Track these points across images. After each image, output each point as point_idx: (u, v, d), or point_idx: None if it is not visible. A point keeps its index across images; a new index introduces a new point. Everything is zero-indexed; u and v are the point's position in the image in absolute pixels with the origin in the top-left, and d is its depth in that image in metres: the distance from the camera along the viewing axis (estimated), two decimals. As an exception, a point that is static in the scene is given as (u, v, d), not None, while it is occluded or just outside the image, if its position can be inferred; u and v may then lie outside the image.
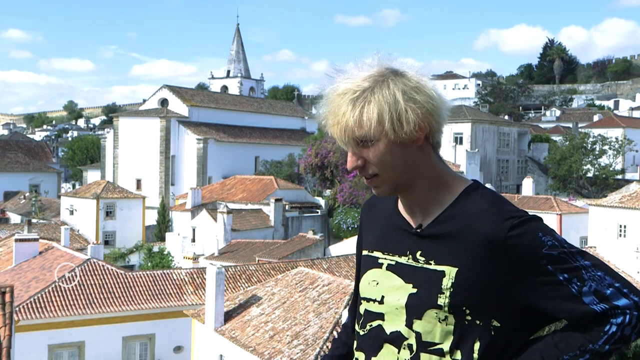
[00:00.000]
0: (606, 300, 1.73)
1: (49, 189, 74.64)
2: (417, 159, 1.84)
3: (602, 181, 63.93)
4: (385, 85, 1.77)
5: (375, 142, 1.78)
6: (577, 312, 1.74)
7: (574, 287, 1.74)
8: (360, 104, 1.77)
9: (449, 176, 1.91)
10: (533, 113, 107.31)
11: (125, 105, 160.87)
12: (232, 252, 40.49)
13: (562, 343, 1.77)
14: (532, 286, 1.76)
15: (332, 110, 1.82)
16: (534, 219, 1.80)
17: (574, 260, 1.77)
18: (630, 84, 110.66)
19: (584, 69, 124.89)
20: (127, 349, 26.71)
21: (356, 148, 1.81)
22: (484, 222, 1.79)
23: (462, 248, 1.80)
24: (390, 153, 1.79)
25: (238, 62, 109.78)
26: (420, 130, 1.79)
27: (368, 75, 1.80)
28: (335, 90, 1.83)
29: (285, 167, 66.85)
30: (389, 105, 1.75)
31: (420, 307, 1.81)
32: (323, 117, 1.87)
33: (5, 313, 12.86)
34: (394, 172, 1.81)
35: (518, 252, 1.75)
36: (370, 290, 1.93)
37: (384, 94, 1.76)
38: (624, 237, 34.07)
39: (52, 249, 30.76)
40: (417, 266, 1.86)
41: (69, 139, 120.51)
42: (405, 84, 1.77)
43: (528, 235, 1.76)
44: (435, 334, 1.80)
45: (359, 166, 1.82)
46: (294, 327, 20.56)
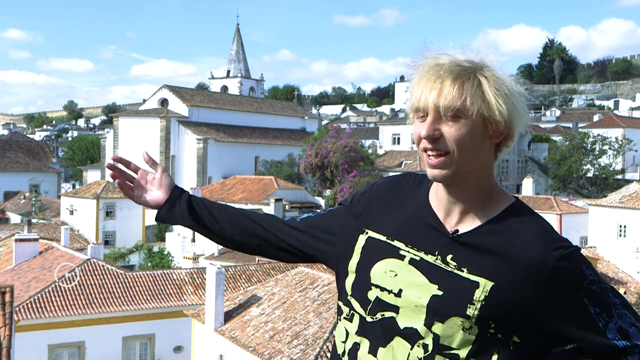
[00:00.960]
0: (628, 338, 1.77)
1: (49, 189, 74.66)
2: (487, 156, 1.80)
3: (602, 181, 63.93)
4: (489, 71, 1.75)
5: (461, 119, 1.73)
6: (599, 345, 1.76)
7: (602, 322, 1.76)
8: (464, 76, 1.73)
9: (496, 188, 1.87)
10: (533, 113, 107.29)
11: (125, 105, 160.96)
12: (232, 252, 40.48)
13: None
14: (564, 314, 1.77)
15: (430, 76, 1.74)
16: (579, 251, 1.80)
17: (607, 296, 1.79)
18: (630, 84, 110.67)
19: (584, 69, 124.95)
20: (127, 349, 26.72)
21: (438, 118, 1.74)
22: (533, 247, 1.77)
23: (503, 265, 1.77)
24: (472, 135, 1.73)
25: (238, 62, 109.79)
26: (506, 127, 1.77)
27: (471, 59, 1.76)
28: (436, 58, 1.77)
29: (285, 167, 66.86)
30: (491, 89, 1.73)
31: (445, 312, 1.78)
32: (415, 81, 1.78)
33: (5, 313, 12.85)
34: (466, 157, 1.75)
35: (561, 282, 1.75)
36: (386, 280, 1.86)
37: (488, 77, 1.74)
38: (624, 237, 34.08)
39: (52, 249, 30.76)
40: (446, 269, 1.81)
41: (69, 139, 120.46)
42: (505, 80, 1.76)
43: (573, 267, 1.76)
44: (455, 339, 1.77)
45: (435, 137, 1.74)
46: (294, 327, 20.56)
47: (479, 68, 1.74)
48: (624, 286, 30.97)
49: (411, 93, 1.80)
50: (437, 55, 1.77)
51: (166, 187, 2.14)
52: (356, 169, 55.28)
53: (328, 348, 18.92)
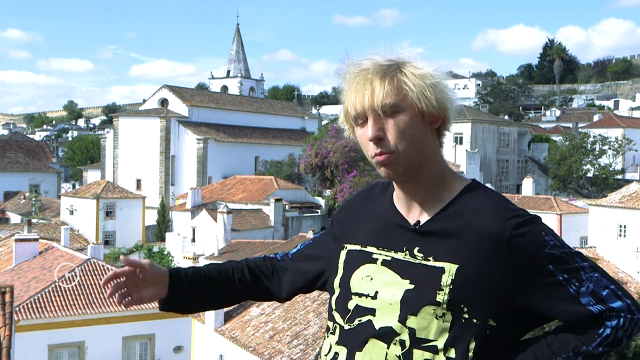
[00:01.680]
0: (602, 301, 1.74)
1: (49, 189, 74.65)
2: (431, 143, 1.85)
3: (602, 181, 63.93)
4: (411, 65, 1.82)
5: (400, 112, 1.79)
6: (575, 313, 1.75)
7: (572, 288, 1.75)
8: (390, 73, 1.80)
9: (449, 173, 1.92)
10: (533, 113, 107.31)
11: (125, 105, 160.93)
12: (232, 252, 40.48)
13: (556, 344, 1.77)
14: (532, 285, 1.76)
15: (358, 81, 1.82)
16: (537, 218, 1.81)
17: (573, 260, 1.77)
18: (630, 84, 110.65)
19: (584, 69, 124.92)
20: (127, 349, 26.72)
21: (378, 118, 1.80)
22: (488, 220, 1.79)
23: (464, 245, 1.79)
24: (412, 126, 1.79)
25: (238, 62, 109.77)
26: (441, 112, 1.83)
27: (390, 58, 1.83)
28: (360, 65, 1.84)
29: (285, 167, 66.86)
30: (418, 80, 1.79)
31: (417, 303, 1.79)
32: (345, 89, 1.86)
33: (5, 313, 12.86)
34: (411, 148, 1.80)
35: (521, 251, 1.76)
36: (363, 286, 1.90)
37: (411, 70, 1.81)
38: (624, 237, 34.08)
39: (52, 249, 30.76)
40: (415, 262, 1.84)
41: (69, 139, 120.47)
42: (428, 70, 1.82)
43: (532, 234, 1.77)
44: (430, 330, 1.78)
45: (380, 136, 1.79)
46: (294, 327, 20.56)
47: (401, 64, 1.81)
48: (624, 286, 30.97)
49: (345, 102, 1.86)
50: (359, 62, 1.84)
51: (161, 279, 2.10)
52: (356, 169, 55.27)
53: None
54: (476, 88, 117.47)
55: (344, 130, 1.94)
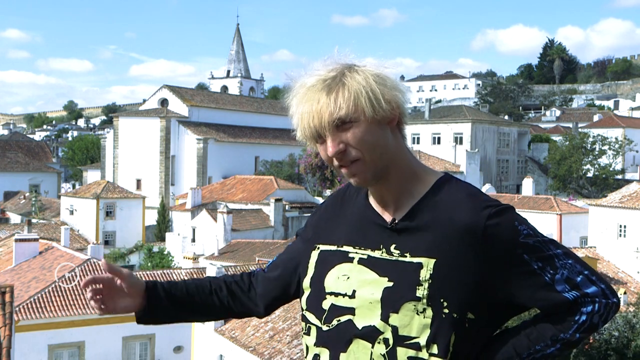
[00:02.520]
0: (577, 287, 1.76)
1: (49, 189, 74.66)
2: (393, 143, 1.84)
3: (602, 181, 63.93)
4: (355, 72, 1.80)
5: (354, 123, 1.78)
6: (551, 300, 1.76)
7: (547, 276, 1.76)
8: (334, 88, 1.79)
9: (420, 168, 1.92)
10: (533, 113, 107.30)
11: (125, 105, 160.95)
12: (232, 252, 40.49)
13: (534, 334, 1.79)
14: (508, 275, 1.77)
15: (305, 101, 1.82)
16: (510, 208, 1.82)
17: (547, 248, 1.78)
18: (630, 84, 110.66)
19: (584, 69, 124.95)
20: (127, 349, 26.72)
21: (335, 134, 1.79)
22: (462, 212, 1.80)
23: (439, 239, 1.80)
24: (370, 132, 1.78)
25: (238, 62, 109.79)
26: (395, 109, 1.82)
27: (333, 68, 1.82)
28: (304, 84, 1.83)
29: (285, 167, 66.86)
30: (363, 86, 1.77)
31: (397, 300, 1.79)
32: (294, 112, 1.87)
33: (5, 313, 12.86)
34: (375, 154, 1.80)
35: (495, 241, 1.77)
36: (339, 285, 1.89)
37: (355, 78, 1.79)
38: (624, 237, 34.08)
39: (52, 249, 30.76)
40: (392, 259, 1.84)
41: (69, 139, 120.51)
42: (371, 71, 1.81)
43: (505, 223, 1.78)
44: (412, 327, 1.78)
45: (341, 150, 1.79)
46: (294, 327, 20.56)
47: (342, 74, 1.80)
48: (624, 286, 30.95)
49: (297, 123, 1.87)
50: (303, 80, 1.84)
51: (137, 291, 2.09)
52: (356, 169, 55.26)
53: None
54: (476, 88, 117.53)
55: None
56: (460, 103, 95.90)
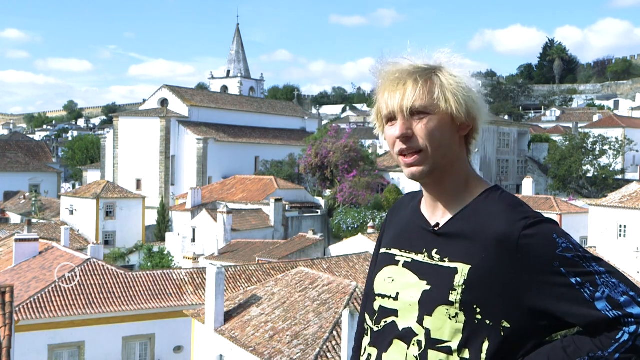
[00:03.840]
0: (619, 307, 1.70)
1: (49, 189, 74.65)
2: (458, 148, 1.89)
3: (602, 181, 63.92)
4: (446, 71, 1.86)
5: (430, 115, 1.83)
6: (588, 317, 1.71)
7: (587, 292, 1.72)
8: (424, 77, 1.84)
9: (473, 177, 1.95)
10: (533, 113, 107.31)
11: (125, 105, 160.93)
12: (232, 252, 40.49)
13: (571, 347, 1.74)
14: (543, 287, 1.75)
15: (393, 79, 1.86)
16: (549, 221, 1.81)
17: (588, 265, 1.75)
18: (630, 84, 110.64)
19: (584, 69, 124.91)
20: (127, 349, 26.71)
21: (408, 120, 1.84)
22: (499, 222, 1.81)
23: (476, 246, 1.82)
24: (441, 129, 1.83)
25: (238, 62, 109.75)
26: (470, 120, 1.87)
27: (425, 62, 1.88)
28: (396, 65, 1.88)
29: (286, 167, 66.85)
30: (451, 85, 1.83)
31: (431, 303, 1.83)
32: (379, 87, 1.90)
33: (5, 313, 12.85)
34: (439, 151, 1.84)
35: (531, 252, 1.76)
36: (385, 287, 1.96)
37: (446, 76, 1.85)
38: (624, 237, 34.08)
39: (52, 249, 30.76)
40: (432, 264, 1.88)
41: (69, 139, 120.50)
42: (462, 79, 1.86)
43: (542, 235, 1.77)
44: (445, 331, 1.81)
45: (408, 135, 1.83)
46: (294, 327, 20.56)
47: (436, 69, 1.86)
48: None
49: (378, 101, 1.91)
50: (395, 61, 1.88)
51: None
52: (356, 169, 55.30)
53: (328, 348, 18.92)
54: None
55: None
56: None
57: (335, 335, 19.31)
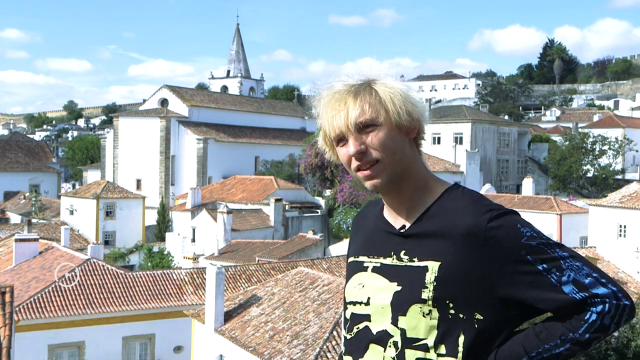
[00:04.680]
0: (585, 289, 1.78)
1: (49, 189, 74.64)
2: (410, 152, 1.94)
3: (602, 181, 63.91)
4: (381, 83, 1.91)
5: (377, 127, 1.87)
6: (557, 301, 1.79)
7: (553, 277, 1.79)
8: (362, 92, 1.89)
9: (431, 178, 2.00)
10: (533, 113, 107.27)
11: (125, 105, 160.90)
12: (232, 252, 40.49)
13: (543, 333, 1.81)
14: (513, 277, 1.81)
15: (333, 102, 1.91)
16: (512, 212, 1.87)
17: (552, 251, 1.82)
18: (630, 84, 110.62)
19: (584, 69, 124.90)
20: (127, 349, 26.71)
21: (358, 135, 1.88)
22: (465, 217, 1.86)
23: (444, 243, 1.86)
24: (391, 137, 1.88)
25: (238, 62, 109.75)
26: (416, 121, 1.92)
27: (360, 78, 1.93)
28: (332, 88, 1.93)
29: (286, 167, 66.85)
30: (389, 94, 1.88)
31: (404, 303, 1.86)
32: (321, 113, 1.94)
33: (5, 313, 12.85)
34: (394, 158, 1.89)
35: (498, 243, 1.81)
36: (356, 294, 1.98)
37: (382, 87, 1.90)
38: (624, 237, 34.07)
39: (52, 249, 30.76)
40: (401, 265, 1.91)
41: (69, 139, 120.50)
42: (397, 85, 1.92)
43: (507, 226, 1.82)
44: (420, 329, 1.83)
45: (362, 150, 1.87)
46: (294, 327, 20.56)
47: (371, 82, 1.91)
48: (624, 286, 30.96)
49: (322, 126, 1.95)
50: (330, 85, 1.93)
51: None
52: (356, 169, 55.20)
53: (328, 348, 18.93)
54: (476, 88, 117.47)
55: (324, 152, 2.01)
56: (460, 103, 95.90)
57: (335, 335, 19.31)
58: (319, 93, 1.95)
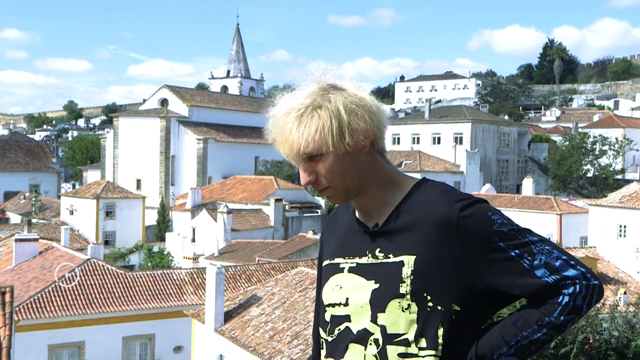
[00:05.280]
0: (556, 272, 1.81)
1: (49, 189, 74.65)
2: (366, 165, 1.91)
3: (602, 181, 63.93)
4: (327, 100, 1.85)
5: (323, 156, 1.85)
6: (531, 285, 1.81)
7: (526, 262, 1.81)
8: (305, 121, 1.84)
9: (398, 176, 1.99)
10: (533, 113, 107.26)
11: (125, 105, 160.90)
12: (232, 252, 40.50)
13: (520, 321, 1.83)
14: (486, 264, 1.83)
15: (279, 130, 1.88)
16: (482, 200, 1.89)
17: (523, 236, 1.84)
18: (630, 84, 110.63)
19: (584, 69, 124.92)
20: (127, 349, 26.72)
21: (306, 164, 1.87)
22: (436, 208, 1.87)
23: (418, 236, 1.87)
24: (339, 164, 1.86)
25: (238, 62, 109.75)
26: (365, 139, 1.87)
27: (309, 93, 1.87)
28: (280, 110, 1.89)
29: (286, 167, 66.86)
30: (332, 120, 1.83)
31: (383, 300, 1.86)
32: (272, 138, 1.92)
33: (5, 313, 12.86)
34: (344, 180, 1.88)
35: (470, 232, 1.83)
36: (334, 296, 1.98)
37: (326, 109, 1.84)
38: (624, 237, 34.07)
39: (52, 249, 30.76)
40: (377, 262, 1.91)
41: (69, 139, 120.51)
42: (346, 97, 1.86)
43: (479, 214, 1.84)
44: (400, 324, 1.84)
45: (312, 181, 1.88)
46: (294, 327, 20.56)
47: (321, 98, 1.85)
48: (624, 286, 30.96)
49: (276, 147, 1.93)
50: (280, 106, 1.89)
51: None
52: (356, 169, 55.24)
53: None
54: (476, 88, 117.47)
55: None
56: (460, 103, 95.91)
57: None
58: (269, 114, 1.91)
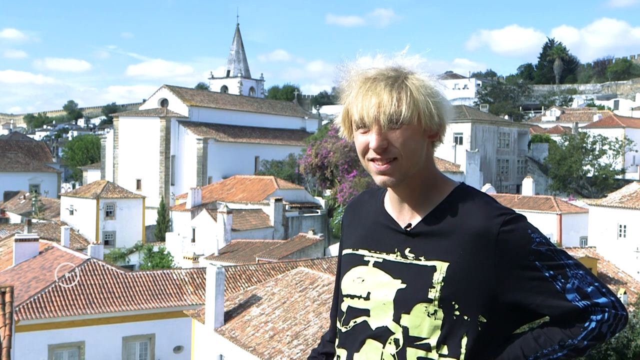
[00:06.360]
0: (587, 297, 1.81)
1: (49, 189, 74.64)
2: (429, 153, 1.92)
3: (602, 181, 63.91)
4: (415, 77, 1.85)
5: (405, 125, 1.83)
6: (560, 307, 1.81)
7: (559, 284, 1.82)
8: (398, 87, 1.83)
9: (440, 177, 1.98)
10: (533, 113, 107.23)
11: (125, 105, 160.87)
12: (232, 252, 40.49)
13: (542, 338, 1.83)
14: (519, 281, 1.82)
15: (366, 90, 1.84)
16: (523, 217, 1.88)
17: (559, 258, 1.84)
18: (630, 84, 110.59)
19: (584, 69, 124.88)
20: (127, 349, 26.72)
21: (383, 129, 1.84)
22: (477, 219, 1.85)
23: (453, 244, 1.85)
24: (414, 139, 1.85)
25: (238, 62, 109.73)
26: (440, 127, 1.89)
27: (391, 68, 1.87)
28: (365, 73, 1.87)
29: (286, 167, 66.87)
30: (424, 97, 1.83)
31: (409, 301, 1.85)
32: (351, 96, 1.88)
33: (5, 313, 12.86)
34: (412, 159, 1.86)
35: (509, 247, 1.82)
36: (354, 287, 1.96)
37: (417, 84, 1.84)
38: (624, 237, 34.07)
39: (52, 249, 30.75)
40: (406, 262, 1.90)
41: (69, 139, 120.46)
42: (429, 84, 1.86)
43: (519, 231, 1.83)
44: (423, 328, 1.83)
45: (384, 146, 1.83)
46: (294, 327, 20.56)
47: (405, 76, 1.85)
48: (624, 286, 30.95)
49: (348, 104, 1.88)
50: (364, 70, 1.87)
51: None
52: (356, 169, 55.24)
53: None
54: (476, 88, 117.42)
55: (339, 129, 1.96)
56: (460, 103, 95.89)
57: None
58: (350, 73, 1.89)
